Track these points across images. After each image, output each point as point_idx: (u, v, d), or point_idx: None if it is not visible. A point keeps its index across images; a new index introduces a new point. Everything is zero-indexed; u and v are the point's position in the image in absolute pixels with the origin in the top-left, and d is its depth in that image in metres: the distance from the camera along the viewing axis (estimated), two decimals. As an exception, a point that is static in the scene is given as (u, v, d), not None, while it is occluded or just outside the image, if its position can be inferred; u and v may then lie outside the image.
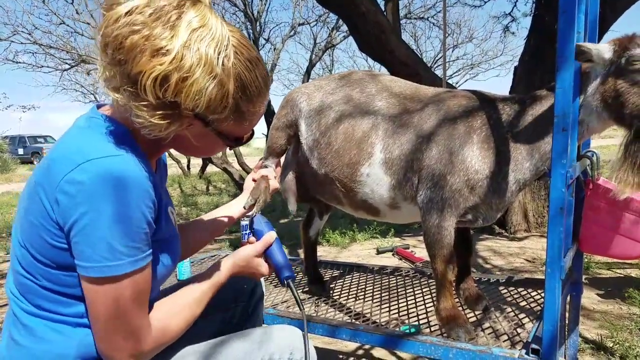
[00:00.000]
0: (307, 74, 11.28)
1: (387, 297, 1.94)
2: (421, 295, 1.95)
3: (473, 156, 1.47)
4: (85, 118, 0.98)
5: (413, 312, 1.77)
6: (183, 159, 12.80)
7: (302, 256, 2.19)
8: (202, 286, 1.09)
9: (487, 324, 1.61)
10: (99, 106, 1.02)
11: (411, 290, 2.02)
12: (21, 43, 9.50)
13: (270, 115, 8.74)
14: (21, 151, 23.78)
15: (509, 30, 6.65)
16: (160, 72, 0.84)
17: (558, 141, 1.21)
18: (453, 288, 1.63)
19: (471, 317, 1.68)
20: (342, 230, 4.84)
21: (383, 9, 5.04)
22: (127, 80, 0.86)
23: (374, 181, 1.66)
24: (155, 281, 0.99)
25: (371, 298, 1.94)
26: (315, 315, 1.78)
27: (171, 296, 1.05)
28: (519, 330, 1.54)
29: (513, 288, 1.95)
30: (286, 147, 1.92)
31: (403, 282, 2.13)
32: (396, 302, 1.88)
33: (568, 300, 1.90)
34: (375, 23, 4.10)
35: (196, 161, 13.05)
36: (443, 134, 1.53)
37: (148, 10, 0.84)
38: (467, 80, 16.63)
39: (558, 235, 1.23)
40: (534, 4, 4.52)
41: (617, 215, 1.59)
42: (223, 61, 0.89)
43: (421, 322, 1.67)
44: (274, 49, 11.42)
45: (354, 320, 1.72)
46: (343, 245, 4.51)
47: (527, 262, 3.60)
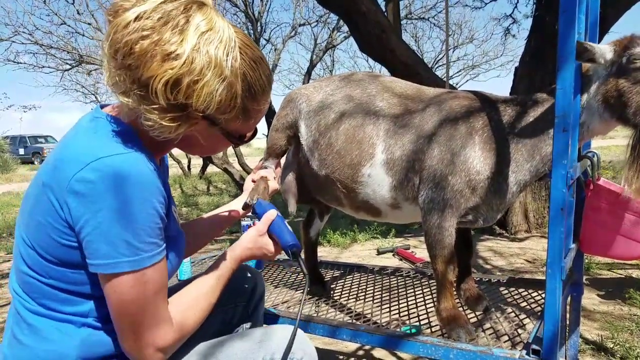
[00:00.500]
0: (308, 75, 11.28)
1: (388, 298, 1.94)
2: (422, 295, 1.95)
3: (475, 157, 1.47)
4: (89, 118, 0.98)
5: (414, 313, 1.76)
6: (184, 159, 12.81)
7: (303, 257, 2.18)
8: (215, 275, 1.11)
9: (488, 325, 1.61)
10: (103, 106, 1.03)
11: (412, 290, 2.02)
12: (22, 43, 9.51)
13: (271, 115, 8.74)
14: (22, 151, 23.79)
15: (510, 32, 6.64)
16: (171, 76, 0.85)
17: (559, 141, 1.21)
18: (454, 288, 1.63)
19: (472, 318, 1.68)
20: (343, 230, 4.84)
21: (384, 9, 5.04)
22: (138, 84, 0.87)
23: (376, 182, 1.66)
24: None
25: (372, 298, 1.94)
26: (315, 315, 1.78)
27: (185, 288, 1.06)
28: (520, 330, 1.54)
29: (514, 289, 1.95)
30: (286, 148, 1.92)
31: (404, 283, 2.13)
32: (397, 303, 1.88)
33: (569, 301, 1.90)
34: (375, 23, 4.10)
35: (196, 161, 13.06)
36: (445, 135, 1.53)
37: (156, 15, 0.85)
38: (468, 80, 16.66)
39: (559, 235, 1.23)
40: (535, 5, 4.52)
41: (618, 215, 1.59)
42: (231, 63, 0.91)
43: (422, 323, 1.66)
44: (275, 50, 11.43)
45: (355, 320, 1.72)
46: (344, 245, 4.52)
47: (528, 263, 3.60)
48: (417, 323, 1.66)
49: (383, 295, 1.98)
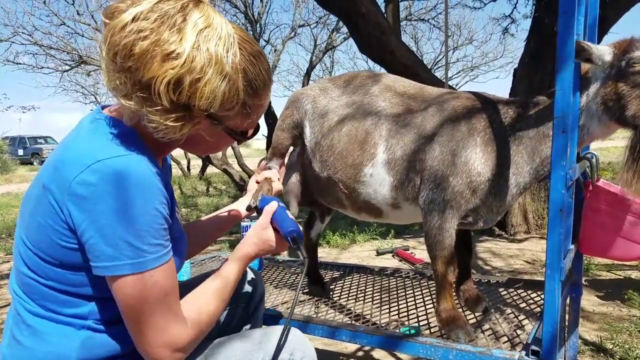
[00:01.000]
0: (308, 76, 11.29)
1: (387, 299, 1.94)
2: (421, 296, 1.95)
3: (476, 158, 1.47)
4: (90, 119, 0.98)
5: (413, 314, 1.76)
6: (183, 160, 12.80)
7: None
8: (226, 273, 1.10)
9: (487, 326, 1.61)
10: (104, 107, 1.03)
11: (411, 291, 2.02)
12: (22, 44, 9.53)
13: (270, 116, 8.76)
14: (21, 152, 23.78)
15: (509, 32, 6.64)
16: (173, 76, 0.85)
17: (558, 142, 1.21)
18: (453, 289, 1.63)
19: (471, 319, 1.68)
20: (342, 231, 4.84)
21: (383, 11, 5.05)
22: (139, 86, 0.86)
23: (377, 181, 1.66)
24: None
25: (371, 299, 1.94)
26: (315, 316, 1.78)
27: (198, 287, 1.05)
28: (519, 331, 1.54)
29: (513, 290, 1.95)
30: (290, 148, 1.92)
31: (403, 284, 2.13)
32: (396, 304, 1.88)
33: (568, 301, 1.90)
34: (375, 24, 4.11)
35: (196, 162, 13.06)
36: (446, 135, 1.53)
37: (153, 15, 0.84)
38: (467, 82, 16.69)
39: (558, 236, 1.23)
40: (534, 6, 4.53)
41: (617, 216, 1.59)
42: (231, 59, 0.90)
43: (421, 324, 1.66)
44: (275, 51, 11.45)
45: (354, 321, 1.72)
46: (343, 246, 4.52)
47: (527, 264, 3.60)
48: (417, 324, 1.66)
49: (382, 296, 1.98)
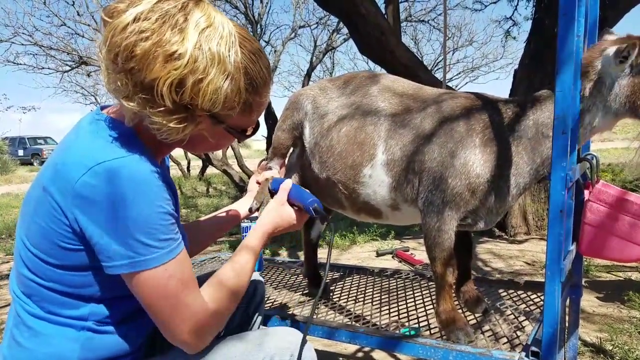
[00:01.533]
0: (308, 76, 11.29)
1: (387, 300, 1.94)
2: (421, 297, 1.95)
3: (475, 159, 1.47)
4: (89, 120, 0.98)
5: (413, 315, 1.76)
6: (183, 161, 12.79)
7: (303, 258, 2.19)
8: (245, 254, 1.09)
9: (487, 327, 1.61)
10: (103, 107, 1.02)
11: (411, 292, 2.02)
12: (22, 44, 9.51)
13: (270, 117, 8.75)
14: (21, 152, 23.78)
15: (510, 34, 6.64)
16: (175, 77, 0.84)
17: (558, 144, 1.22)
18: (453, 291, 1.63)
19: (471, 320, 1.68)
20: (342, 232, 4.84)
21: (383, 12, 5.05)
22: (141, 88, 0.86)
23: (376, 182, 1.66)
24: None
25: (371, 300, 1.94)
26: (315, 317, 1.77)
27: (217, 272, 1.05)
28: (519, 333, 1.54)
29: (513, 291, 1.95)
30: (290, 148, 1.92)
31: (403, 285, 2.13)
32: (396, 305, 1.88)
33: (568, 303, 1.90)
34: (375, 25, 4.11)
35: (196, 163, 13.05)
36: (445, 136, 1.53)
37: (154, 15, 0.84)
38: (467, 83, 16.69)
39: (558, 238, 1.23)
40: (534, 8, 4.53)
41: (617, 218, 1.59)
42: (233, 58, 0.90)
43: (421, 325, 1.66)
44: (275, 52, 11.45)
45: (354, 322, 1.72)
46: (343, 247, 4.51)
47: (527, 265, 3.60)
48: (417, 325, 1.66)
49: (382, 297, 1.98)
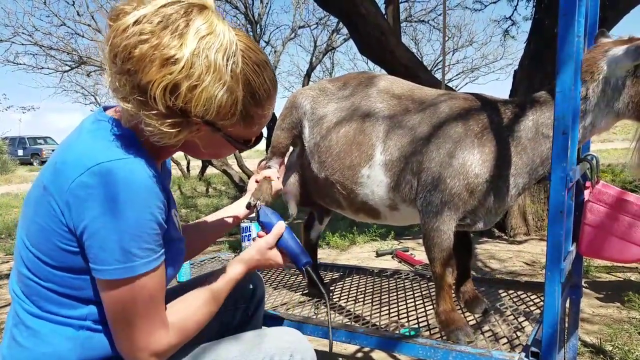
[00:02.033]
0: (308, 77, 11.31)
1: (387, 300, 1.94)
2: (421, 298, 1.95)
3: (473, 160, 1.47)
4: (92, 120, 0.98)
5: (412, 315, 1.76)
6: (183, 161, 12.79)
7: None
8: (220, 283, 1.10)
9: (487, 327, 1.61)
10: (106, 108, 1.02)
11: (411, 293, 2.02)
12: (22, 44, 9.53)
13: (273, 120, 8.74)
14: (21, 152, 23.79)
15: (509, 34, 6.65)
16: (170, 81, 0.84)
17: (558, 144, 1.21)
18: (452, 291, 1.63)
19: (471, 320, 1.68)
20: (342, 232, 4.84)
21: (383, 12, 5.05)
22: (137, 89, 0.86)
23: (374, 182, 1.66)
24: None
25: (371, 301, 1.94)
26: (314, 317, 1.77)
27: (189, 294, 1.06)
28: (519, 333, 1.54)
29: (512, 291, 1.95)
30: (289, 148, 1.92)
31: (402, 285, 2.13)
32: (396, 305, 1.88)
33: (567, 303, 1.90)
34: (375, 25, 4.11)
35: (196, 163, 13.06)
36: (443, 137, 1.53)
37: (156, 18, 0.84)
38: (467, 83, 16.76)
39: (558, 238, 1.23)
40: (534, 8, 4.53)
41: (617, 218, 1.59)
42: (232, 67, 0.89)
43: (421, 325, 1.66)
44: (275, 52, 11.46)
45: (354, 322, 1.72)
46: (343, 247, 4.51)
47: (527, 266, 3.60)
48: (416, 325, 1.66)
49: (382, 297, 1.98)
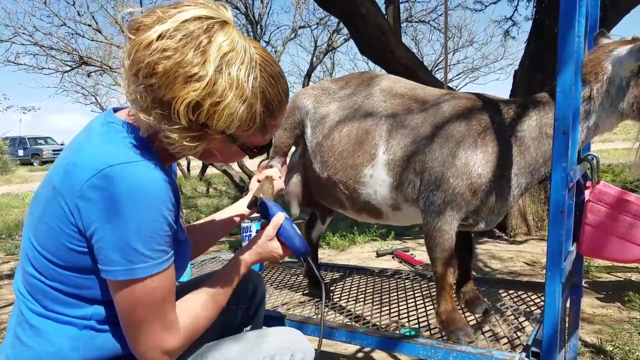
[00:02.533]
0: (308, 77, 11.31)
1: (387, 300, 1.94)
2: (421, 298, 1.95)
3: (476, 159, 1.47)
4: (101, 122, 0.98)
5: (413, 315, 1.76)
6: (183, 161, 12.78)
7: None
8: (224, 279, 1.11)
9: (487, 327, 1.61)
10: (116, 110, 1.03)
11: (411, 293, 2.02)
12: (22, 44, 9.53)
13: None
14: (21, 152, 23.80)
15: (510, 34, 6.65)
16: (193, 98, 0.86)
17: (558, 144, 1.21)
18: (453, 291, 1.63)
19: (471, 320, 1.68)
20: (342, 233, 4.84)
21: (384, 12, 5.05)
22: (159, 104, 0.88)
23: (377, 182, 1.66)
24: None
25: (371, 300, 1.94)
26: (315, 317, 1.77)
27: (194, 292, 1.06)
28: (519, 333, 1.53)
29: (513, 291, 1.95)
30: (291, 147, 1.93)
31: (403, 285, 2.13)
32: (396, 305, 1.88)
33: (568, 303, 1.90)
34: (375, 26, 4.11)
35: (196, 163, 13.05)
36: (446, 136, 1.53)
37: (178, 34, 0.85)
38: (467, 83, 16.74)
39: (558, 238, 1.23)
40: (535, 8, 4.53)
41: (617, 218, 1.59)
42: (252, 83, 0.91)
43: (421, 325, 1.66)
44: (275, 52, 11.46)
45: (354, 322, 1.72)
46: (343, 247, 4.51)
47: (527, 266, 3.60)
48: (417, 325, 1.66)
49: (382, 297, 1.98)
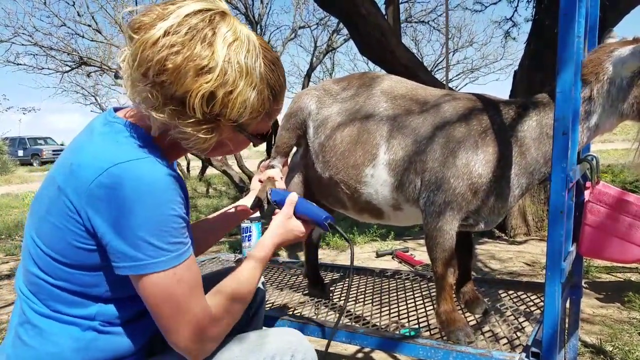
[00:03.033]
0: (308, 77, 11.31)
1: (387, 300, 1.94)
2: (421, 298, 1.95)
3: (477, 160, 1.47)
4: (102, 122, 0.99)
5: (413, 315, 1.76)
6: (183, 162, 12.78)
7: (303, 259, 2.19)
8: (252, 264, 1.11)
9: (487, 328, 1.61)
10: (116, 109, 1.03)
11: (411, 293, 2.02)
12: (22, 45, 9.54)
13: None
14: (21, 153, 23.80)
15: (510, 35, 6.65)
16: (207, 90, 0.88)
17: (558, 144, 1.22)
18: (453, 291, 1.63)
19: (471, 321, 1.68)
20: (342, 233, 4.83)
21: (384, 13, 5.05)
22: (171, 100, 0.89)
23: (378, 182, 1.67)
24: None
25: (371, 301, 1.94)
26: (315, 317, 1.77)
27: (226, 279, 1.06)
28: (519, 333, 1.54)
29: (513, 292, 1.95)
30: (293, 148, 1.93)
31: (403, 285, 2.13)
32: (396, 305, 1.88)
33: (568, 304, 1.90)
34: (375, 26, 4.11)
35: (196, 163, 13.05)
36: (446, 137, 1.53)
37: (183, 29, 0.87)
38: (467, 83, 16.77)
39: (558, 238, 1.23)
40: (535, 9, 4.53)
41: (617, 219, 1.59)
42: (259, 69, 0.94)
43: (421, 325, 1.66)
44: (275, 52, 11.44)
45: (354, 322, 1.72)
46: (343, 248, 4.51)
47: (527, 266, 3.60)
48: (417, 325, 1.66)
49: (382, 297, 1.98)
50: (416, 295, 1.99)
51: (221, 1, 0.94)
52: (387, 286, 2.12)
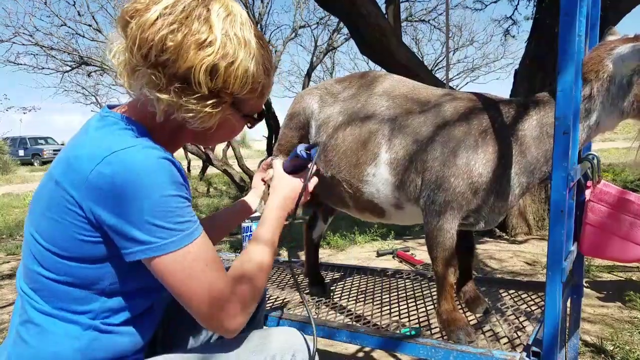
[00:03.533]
0: (308, 76, 11.31)
1: (388, 300, 1.94)
2: (422, 297, 1.95)
3: (477, 159, 1.47)
4: (98, 118, 1.00)
5: (414, 315, 1.76)
6: (183, 161, 12.79)
7: (304, 258, 2.19)
8: (262, 237, 1.10)
9: (488, 327, 1.61)
10: (111, 107, 1.04)
11: (411, 292, 2.02)
12: (22, 44, 9.54)
13: (271, 117, 8.76)
14: (22, 152, 23.81)
15: (510, 33, 6.65)
16: (210, 63, 0.91)
17: (559, 144, 1.21)
18: (454, 290, 1.63)
19: (472, 320, 1.68)
20: (343, 232, 4.84)
21: (384, 12, 5.05)
22: (175, 78, 0.92)
23: (380, 181, 1.67)
24: None
25: (371, 300, 1.94)
26: (315, 317, 1.78)
27: (243, 253, 1.06)
28: (520, 333, 1.54)
29: (513, 291, 1.95)
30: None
31: (403, 285, 2.13)
32: (397, 305, 1.88)
33: (568, 303, 1.90)
34: (376, 25, 4.11)
35: (196, 163, 13.06)
36: (447, 136, 1.53)
37: (177, 8, 0.90)
38: (468, 83, 16.70)
39: (559, 238, 1.23)
40: (535, 8, 4.53)
41: (618, 218, 1.59)
42: (254, 40, 0.98)
43: (422, 325, 1.66)
44: (275, 51, 11.44)
45: (355, 322, 1.72)
46: (343, 247, 4.51)
47: (527, 265, 3.60)
48: (417, 325, 1.66)
49: (383, 297, 1.98)
50: (417, 294, 1.99)
51: None
52: (388, 285, 2.12)
